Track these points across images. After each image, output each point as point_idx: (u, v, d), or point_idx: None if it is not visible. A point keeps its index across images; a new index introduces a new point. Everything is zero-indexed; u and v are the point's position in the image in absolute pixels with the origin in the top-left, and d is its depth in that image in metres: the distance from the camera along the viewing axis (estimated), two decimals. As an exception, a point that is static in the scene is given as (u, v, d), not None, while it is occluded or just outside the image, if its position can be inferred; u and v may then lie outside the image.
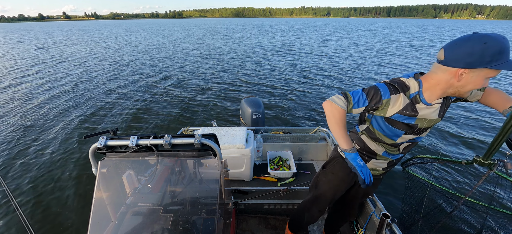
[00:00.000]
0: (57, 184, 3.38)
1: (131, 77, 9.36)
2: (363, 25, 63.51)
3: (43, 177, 3.52)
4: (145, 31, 39.68)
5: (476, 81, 0.93)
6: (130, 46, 19.08)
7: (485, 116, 5.51)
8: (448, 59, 0.93)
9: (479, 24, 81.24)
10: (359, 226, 2.03)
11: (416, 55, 14.60)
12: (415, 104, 1.06)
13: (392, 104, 1.08)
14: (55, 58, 14.11)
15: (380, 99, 1.07)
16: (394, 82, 1.09)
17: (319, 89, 7.97)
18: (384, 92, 1.07)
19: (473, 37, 0.88)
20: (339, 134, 1.15)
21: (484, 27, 57.87)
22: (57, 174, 3.58)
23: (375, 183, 1.47)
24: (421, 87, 1.05)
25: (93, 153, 1.14)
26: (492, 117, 5.52)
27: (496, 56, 0.85)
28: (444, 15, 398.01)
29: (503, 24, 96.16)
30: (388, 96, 1.07)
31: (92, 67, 11.28)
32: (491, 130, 4.95)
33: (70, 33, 37.44)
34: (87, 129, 5.04)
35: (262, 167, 2.46)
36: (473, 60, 0.88)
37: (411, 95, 1.06)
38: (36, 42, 24.40)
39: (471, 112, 5.75)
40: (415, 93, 1.06)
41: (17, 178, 3.49)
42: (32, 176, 3.54)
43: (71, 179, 3.48)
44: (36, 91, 7.47)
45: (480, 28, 50.11)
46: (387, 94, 1.07)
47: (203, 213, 1.20)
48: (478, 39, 0.87)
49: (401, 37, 26.43)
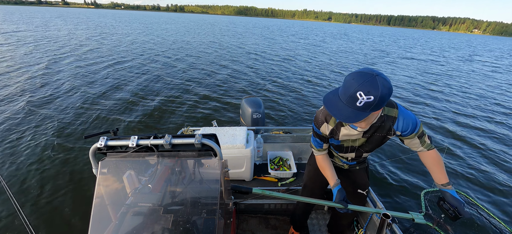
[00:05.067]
0: (57, 184, 3.38)
1: (131, 77, 9.36)
2: (366, 31, 63.33)
3: (43, 177, 3.53)
4: (142, 24, 39.54)
5: (367, 121, 1.13)
6: (127, 42, 19.09)
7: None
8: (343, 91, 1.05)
9: (473, 38, 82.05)
10: (359, 226, 2.03)
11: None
12: (340, 126, 1.27)
13: (324, 131, 1.32)
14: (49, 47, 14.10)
15: (320, 134, 1.34)
16: (321, 111, 1.31)
17: (320, 89, 7.97)
18: (317, 130, 1.33)
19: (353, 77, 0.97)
20: (325, 174, 1.46)
21: (479, 42, 57.89)
22: (57, 174, 3.58)
23: (359, 174, 1.60)
24: None
25: (94, 153, 1.14)
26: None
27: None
28: (443, 27, 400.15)
29: (497, 40, 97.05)
30: (318, 131, 1.33)
31: (92, 60, 11.28)
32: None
33: (56, 20, 36.09)
34: (87, 129, 5.04)
35: (262, 167, 2.46)
36: (345, 95, 1.02)
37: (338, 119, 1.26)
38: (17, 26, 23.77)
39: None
40: None
41: (16, 178, 3.49)
42: (32, 176, 3.54)
43: (71, 179, 3.48)
44: (33, 90, 7.47)
45: (476, 42, 49.85)
46: (318, 130, 1.33)
47: (204, 213, 1.20)
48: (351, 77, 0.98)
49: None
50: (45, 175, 3.57)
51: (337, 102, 1.01)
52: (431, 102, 7.56)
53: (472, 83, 10.65)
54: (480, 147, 4.95)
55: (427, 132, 1.41)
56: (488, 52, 28.42)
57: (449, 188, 1.26)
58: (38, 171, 3.65)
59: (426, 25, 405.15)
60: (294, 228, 2.05)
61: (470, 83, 10.66)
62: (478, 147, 4.94)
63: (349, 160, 1.49)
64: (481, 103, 7.87)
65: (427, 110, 6.84)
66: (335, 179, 1.40)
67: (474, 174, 4.03)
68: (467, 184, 3.83)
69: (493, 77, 12.48)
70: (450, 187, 1.26)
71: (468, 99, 8.18)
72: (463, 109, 7.12)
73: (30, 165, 3.78)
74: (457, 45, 36.71)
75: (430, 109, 6.97)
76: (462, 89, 9.47)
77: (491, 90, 9.76)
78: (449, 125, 5.90)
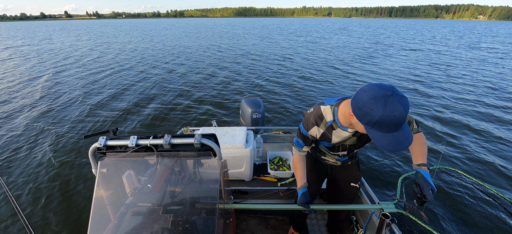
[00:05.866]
0: (57, 184, 3.37)
1: (131, 81, 9.36)
2: (366, 24, 63.42)
3: (42, 177, 3.52)
4: (142, 31, 39.61)
5: (359, 127, 1.05)
6: (128, 48, 19.10)
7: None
8: (354, 97, 1.01)
9: (479, 25, 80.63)
10: (359, 226, 2.03)
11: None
12: (332, 130, 1.27)
13: (313, 134, 1.33)
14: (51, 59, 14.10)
15: (307, 137, 1.36)
16: (311, 114, 1.31)
17: (319, 88, 7.97)
18: (305, 132, 1.34)
19: (375, 98, 0.91)
20: (295, 174, 1.49)
21: (484, 28, 57.74)
22: (56, 174, 3.58)
23: (352, 169, 1.61)
24: (336, 115, 1.22)
25: (93, 153, 1.14)
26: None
27: (371, 124, 0.95)
28: (446, 15, 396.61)
29: (504, 24, 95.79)
30: (307, 133, 1.34)
31: (92, 65, 11.29)
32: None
33: (60, 33, 37.19)
34: (88, 128, 5.03)
35: (262, 167, 2.46)
36: (358, 113, 0.98)
37: (329, 122, 1.26)
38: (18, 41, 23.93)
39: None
40: (330, 121, 1.25)
41: (16, 178, 3.49)
42: (31, 176, 3.54)
43: (70, 179, 3.47)
44: (33, 93, 7.47)
45: (481, 29, 49.56)
46: (306, 132, 1.34)
47: (203, 213, 1.20)
48: (374, 102, 0.90)
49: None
50: (45, 175, 3.57)
51: (395, 135, 0.95)
52: (431, 91, 7.49)
53: (476, 71, 10.50)
54: (484, 135, 4.84)
55: (420, 120, 1.38)
56: (492, 38, 28.08)
57: (424, 169, 1.22)
58: (37, 171, 3.64)
59: (429, 14, 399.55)
60: (293, 228, 2.06)
61: (473, 72, 10.41)
62: (483, 136, 4.83)
63: (341, 156, 1.52)
64: (492, 92, 7.67)
65: (429, 101, 6.75)
66: (304, 181, 1.45)
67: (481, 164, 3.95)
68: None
69: (501, 65, 12.19)
70: (425, 169, 1.22)
71: (477, 88, 8.05)
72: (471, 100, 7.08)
73: (29, 166, 3.78)
74: (461, 32, 36.00)
75: (431, 99, 6.85)
76: (465, 79, 9.38)
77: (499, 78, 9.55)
78: (456, 116, 5.77)
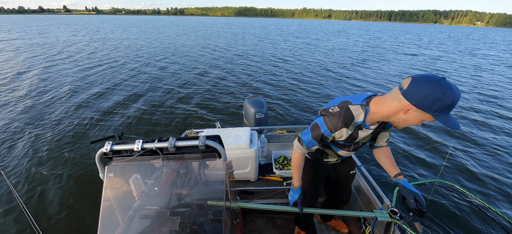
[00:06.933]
0: (65, 189, 3.42)
1: (130, 78, 9.43)
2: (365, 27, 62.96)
3: (51, 183, 3.57)
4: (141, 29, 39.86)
5: (416, 120, 0.99)
6: (127, 46, 19.26)
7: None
8: (409, 91, 0.94)
9: (476, 31, 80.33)
10: (367, 223, 2.02)
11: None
12: (359, 130, 1.19)
13: (337, 137, 1.21)
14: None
15: (326, 138, 1.22)
16: (340, 115, 1.15)
17: (322, 87, 7.94)
18: (329, 133, 1.19)
19: (439, 83, 0.88)
20: (293, 172, 1.43)
21: (482, 35, 56.70)
22: (65, 180, 3.62)
23: (348, 158, 1.65)
24: (367, 115, 1.13)
25: (100, 158, 1.16)
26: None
27: (443, 108, 0.89)
28: (444, 21, 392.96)
29: (501, 31, 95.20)
30: (331, 134, 1.19)
31: (93, 67, 11.40)
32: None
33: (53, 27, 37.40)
34: (93, 133, 5.09)
35: (267, 167, 2.46)
36: (425, 103, 0.90)
37: (357, 123, 1.16)
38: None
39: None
40: (359, 122, 1.16)
41: (24, 185, 3.55)
42: (39, 182, 3.59)
43: (78, 184, 3.52)
44: (35, 98, 7.58)
45: (479, 35, 48.72)
46: (330, 134, 1.19)
47: (210, 214, 1.20)
48: (441, 87, 0.87)
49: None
50: (53, 181, 3.62)
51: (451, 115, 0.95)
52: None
53: (475, 77, 10.50)
54: (485, 144, 4.88)
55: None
56: (489, 44, 27.95)
57: (401, 178, 1.29)
58: (45, 177, 3.70)
59: (428, 19, 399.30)
60: (299, 227, 2.05)
61: (469, 78, 10.49)
62: (484, 144, 4.86)
63: (348, 154, 1.50)
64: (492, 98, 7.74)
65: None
66: (300, 182, 1.45)
67: (485, 172, 3.97)
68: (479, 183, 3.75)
69: (497, 72, 12.26)
70: (402, 177, 1.29)
71: (478, 94, 8.06)
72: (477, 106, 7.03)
73: (37, 172, 3.84)
74: (458, 38, 36.06)
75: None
76: (471, 84, 9.34)
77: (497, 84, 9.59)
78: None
